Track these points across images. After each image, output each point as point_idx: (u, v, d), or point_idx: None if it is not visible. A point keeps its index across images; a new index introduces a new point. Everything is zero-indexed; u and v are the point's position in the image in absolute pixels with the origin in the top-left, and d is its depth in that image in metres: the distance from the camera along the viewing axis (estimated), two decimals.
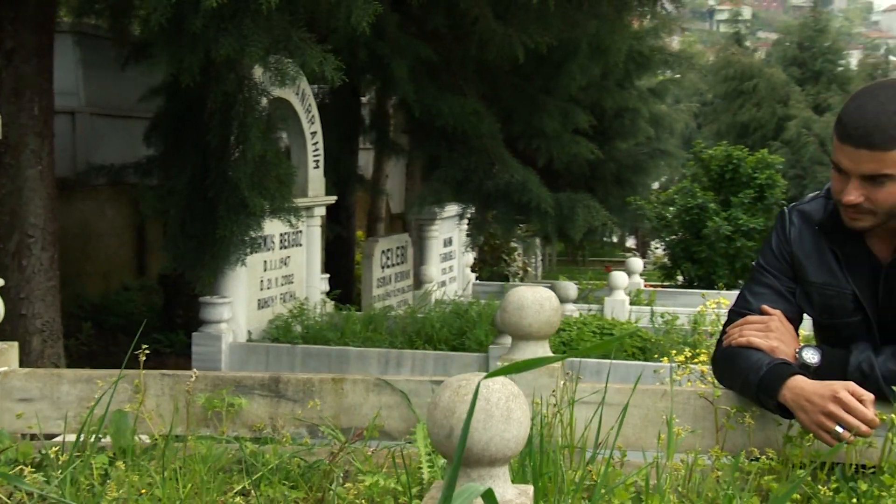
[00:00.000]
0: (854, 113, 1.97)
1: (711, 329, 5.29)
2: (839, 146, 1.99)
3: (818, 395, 1.94)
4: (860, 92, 2.03)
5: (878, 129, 1.93)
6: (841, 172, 2.03)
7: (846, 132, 1.97)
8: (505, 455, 1.39)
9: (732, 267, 12.01)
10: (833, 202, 2.20)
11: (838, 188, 2.04)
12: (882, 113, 1.97)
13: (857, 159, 1.97)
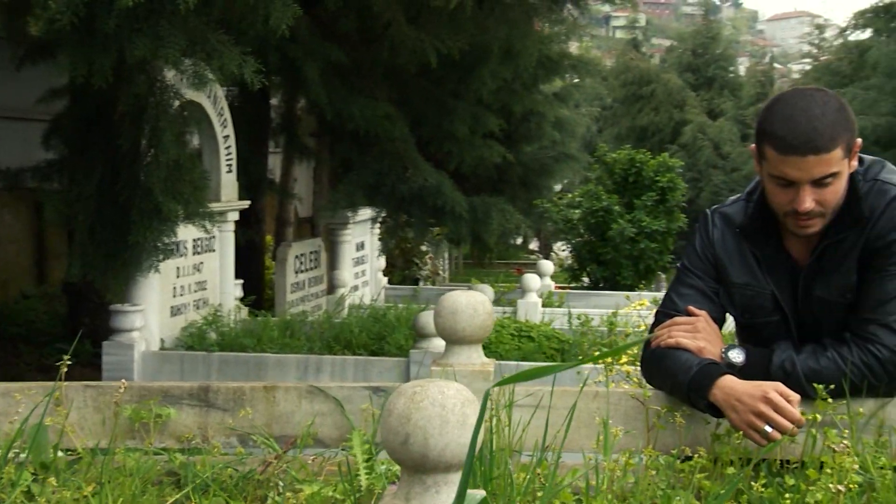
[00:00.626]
0: (787, 124, 2.03)
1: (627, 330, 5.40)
2: (782, 159, 2.03)
3: (748, 395, 2.00)
4: (778, 104, 2.10)
5: (818, 134, 2.00)
6: (787, 185, 2.07)
7: (788, 144, 2.02)
8: (458, 459, 1.39)
9: (637, 268, 12.29)
10: (753, 205, 2.27)
11: (784, 200, 2.09)
12: (814, 118, 2.04)
13: (806, 167, 2.02)
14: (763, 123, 2.09)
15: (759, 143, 2.09)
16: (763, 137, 2.07)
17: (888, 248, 2.11)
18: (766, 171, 2.10)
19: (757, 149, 2.13)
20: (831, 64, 19.45)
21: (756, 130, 2.14)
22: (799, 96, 2.09)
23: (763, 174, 2.13)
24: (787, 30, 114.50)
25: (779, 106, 2.08)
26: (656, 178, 12.58)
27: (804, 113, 2.03)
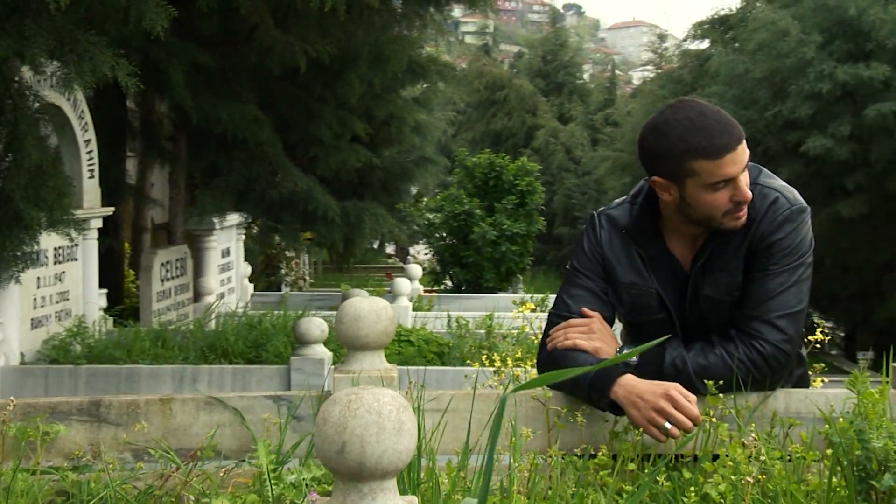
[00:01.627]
0: (707, 131, 2.11)
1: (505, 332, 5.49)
2: (718, 162, 2.11)
3: (650, 392, 2.09)
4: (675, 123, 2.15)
5: (732, 125, 2.13)
6: (725, 185, 2.15)
7: (720, 146, 2.10)
8: (397, 467, 1.40)
9: (498, 270, 12.51)
10: (638, 207, 2.36)
11: (723, 200, 2.17)
12: (718, 115, 2.17)
13: (738, 158, 2.12)
14: (678, 147, 2.13)
15: (682, 164, 2.14)
16: (688, 157, 2.12)
17: (770, 249, 2.23)
18: (697, 186, 2.16)
19: (675, 173, 2.17)
20: (673, 72, 20.27)
21: (668, 158, 2.17)
22: (687, 109, 2.18)
23: (690, 193, 2.18)
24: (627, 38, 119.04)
25: (678, 124, 2.15)
26: (516, 182, 12.85)
27: (707, 116, 2.14)
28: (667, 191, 2.22)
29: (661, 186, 2.22)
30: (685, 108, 2.19)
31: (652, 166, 2.22)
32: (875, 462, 1.76)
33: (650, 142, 2.21)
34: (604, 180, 20.83)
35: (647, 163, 2.25)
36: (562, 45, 34.38)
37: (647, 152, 2.23)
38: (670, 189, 2.20)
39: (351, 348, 2.35)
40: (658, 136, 2.19)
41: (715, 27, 18.61)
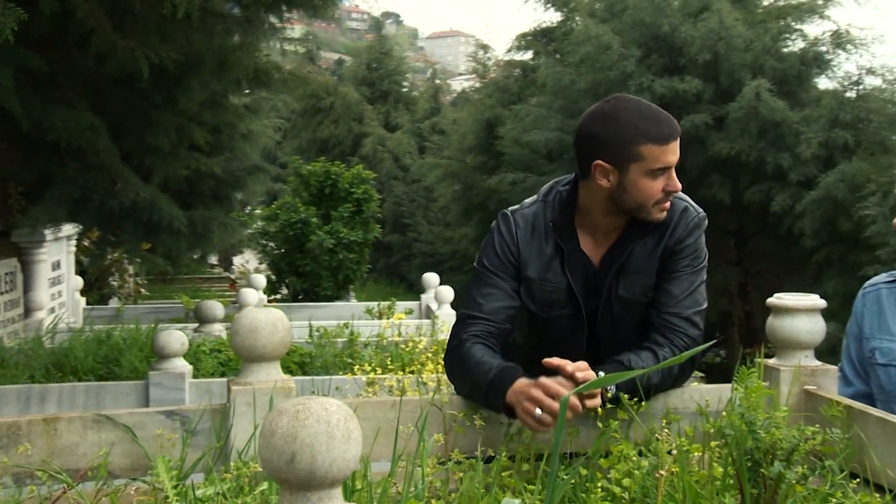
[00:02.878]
0: (654, 119, 2.30)
1: (367, 341, 5.50)
2: (663, 149, 2.29)
3: (527, 386, 2.18)
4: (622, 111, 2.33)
5: (674, 119, 2.30)
6: (661, 173, 2.33)
7: (665, 133, 2.28)
8: (345, 475, 1.42)
9: (336, 279, 12.47)
10: (559, 204, 2.48)
11: (657, 189, 2.34)
12: (656, 109, 2.34)
13: (676, 148, 2.31)
14: (628, 132, 2.30)
15: (631, 148, 2.30)
16: (637, 141, 2.29)
17: (683, 252, 2.41)
18: (639, 171, 2.32)
19: (622, 157, 2.32)
20: (499, 82, 20.77)
21: (617, 142, 2.32)
22: (633, 100, 2.38)
23: (632, 178, 2.34)
24: (445, 48, 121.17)
25: (628, 112, 2.33)
26: (352, 190, 12.85)
27: (653, 107, 2.37)
28: (607, 176, 2.36)
29: (603, 171, 2.36)
30: (631, 100, 2.37)
31: (596, 151, 2.36)
32: (762, 451, 1.91)
33: (598, 128, 2.36)
34: (434, 187, 21.10)
35: (589, 149, 2.38)
36: (386, 53, 34.58)
37: (594, 138, 2.37)
38: (611, 175, 2.35)
39: (247, 360, 2.33)
40: (607, 122, 2.34)
41: (538, 39, 19.21)
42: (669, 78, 11.83)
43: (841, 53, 12.47)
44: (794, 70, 12.19)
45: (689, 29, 12.12)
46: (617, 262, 2.44)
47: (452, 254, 21.27)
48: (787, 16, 13.25)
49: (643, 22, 12.44)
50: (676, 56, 12.19)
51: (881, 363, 2.50)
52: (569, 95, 13.26)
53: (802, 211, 10.71)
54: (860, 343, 2.59)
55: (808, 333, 2.48)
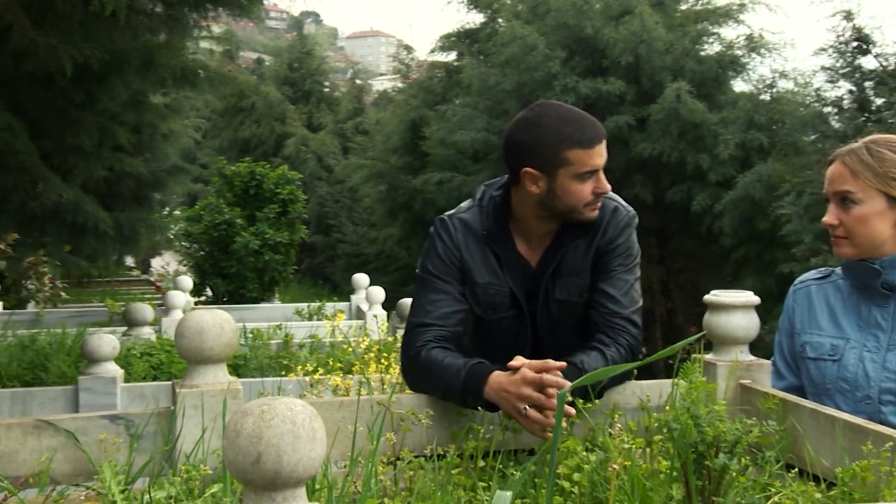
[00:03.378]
0: (579, 124, 2.34)
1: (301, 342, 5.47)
2: (589, 152, 2.32)
3: (511, 383, 2.21)
4: (547, 118, 2.37)
5: (598, 122, 2.34)
6: (590, 176, 2.36)
7: (591, 137, 2.32)
8: (310, 474, 1.42)
9: (262, 280, 12.36)
10: (492, 210, 2.51)
11: (587, 192, 2.38)
12: (582, 111, 2.39)
13: (603, 151, 2.36)
14: (554, 137, 2.34)
15: (557, 154, 2.34)
16: (564, 146, 2.33)
17: (616, 251, 2.47)
18: (568, 176, 2.36)
19: (549, 163, 2.35)
20: (423, 82, 20.80)
21: (544, 148, 2.36)
22: (556, 106, 2.41)
23: (561, 183, 2.37)
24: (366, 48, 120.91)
25: (551, 118, 2.37)
26: (277, 191, 12.74)
27: (576, 112, 2.40)
28: (536, 183, 2.39)
29: (532, 178, 2.40)
30: (554, 106, 2.40)
31: (524, 159, 2.39)
32: (707, 444, 1.97)
33: (524, 135, 2.39)
34: (358, 188, 21.04)
35: (517, 156, 2.42)
36: (308, 53, 34.33)
37: (520, 145, 2.40)
38: (540, 181, 2.38)
39: (193, 362, 2.31)
40: (532, 129, 2.38)
41: (461, 40, 19.31)
42: (593, 79, 12.03)
43: (755, 57, 12.84)
44: (712, 72, 12.50)
45: (611, 32, 12.33)
46: (552, 264, 2.49)
47: (377, 254, 21.25)
48: (705, 20, 13.58)
49: (566, 24, 12.62)
50: (599, 58, 12.40)
51: (811, 357, 2.59)
52: (494, 96, 13.37)
53: (721, 210, 10.99)
54: (792, 338, 2.68)
55: (744, 329, 2.56)
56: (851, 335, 2.53)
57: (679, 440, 1.97)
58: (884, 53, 10.14)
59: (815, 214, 9.51)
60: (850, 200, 2.49)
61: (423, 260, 2.57)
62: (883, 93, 9.84)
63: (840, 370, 2.51)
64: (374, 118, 26.15)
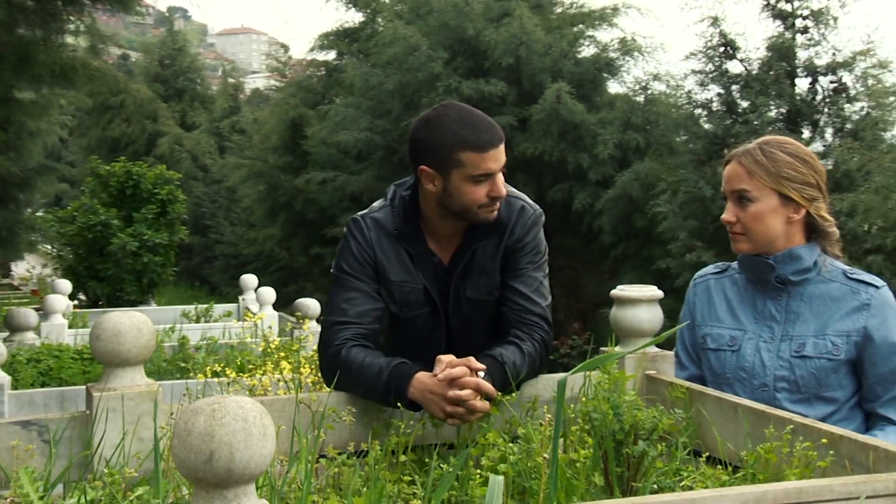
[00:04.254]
0: (476, 128, 2.38)
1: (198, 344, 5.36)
2: (483, 156, 2.36)
3: (438, 385, 2.26)
4: (446, 119, 2.41)
5: (497, 127, 2.38)
6: (485, 179, 2.40)
7: (486, 141, 2.36)
8: (261, 470, 1.43)
9: (140, 282, 12.05)
10: (403, 209, 2.55)
11: (482, 194, 2.42)
12: (484, 116, 2.42)
13: (499, 156, 2.39)
14: (449, 139, 2.37)
15: (451, 155, 2.38)
16: (457, 148, 2.36)
17: (524, 250, 2.54)
18: (461, 177, 2.39)
19: (443, 163, 2.39)
20: (302, 81, 20.61)
21: (439, 149, 2.41)
22: (458, 107, 2.47)
23: (454, 184, 2.41)
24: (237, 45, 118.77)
25: (450, 119, 2.40)
26: (155, 191, 12.44)
27: (476, 115, 2.42)
28: (432, 181, 2.44)
29: (428, 176, 2.44)
30: (456, 107, 2.45)
31: (421, 157, 2.43)
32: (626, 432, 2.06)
33: (422, 134, 2.43)
34: (237, 188, 20.69)
35: (416, 154, 2.46)
36: (179, 49, 33.49)
37: (419, 144, 2.44)
38: (435, 180, 2.43)
39: (110, 365, 2.27)
40: (431, 129, 2.42)
41: (341, 39, 19.22)
42: (476, 80, 12.19)
43: (629, 60, 13.25)
44: (589, 74, 12.83)
45: (492, 33, 12.51)
46: (462, 262, 2.55)
47: (257, 255, 20.93)
48: (580, 23, 13.93)
49: (448, 25, 12.74)
50: (481, 59, 12.57)
51: (712, 348, 2.72)
52: (377, 96, 13.39)
53: (601, 209, 11.31)
54: (693, 330, 2.81)
55: (649, 322, 2.68)
56: (748, 326, 2.68)
57: (600, 429, 2.05)
58: (748, 58, 10.62)
59: (689, 212, 9.91)
60: (747, 198, 2.63)
61: (337, 259, 2.59)
62: (748, 95, 10.30)
63: (738, 360, 2.66)
64: (250, 117, 25.71)
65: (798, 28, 10.24)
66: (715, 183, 9.78)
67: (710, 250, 9.54)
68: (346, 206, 15.63)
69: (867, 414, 2.62)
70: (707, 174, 9.83)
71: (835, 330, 2.57)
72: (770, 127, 9.84)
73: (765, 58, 10.28)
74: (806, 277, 2.63)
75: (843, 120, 10.19)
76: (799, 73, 10.25)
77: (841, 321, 2.57)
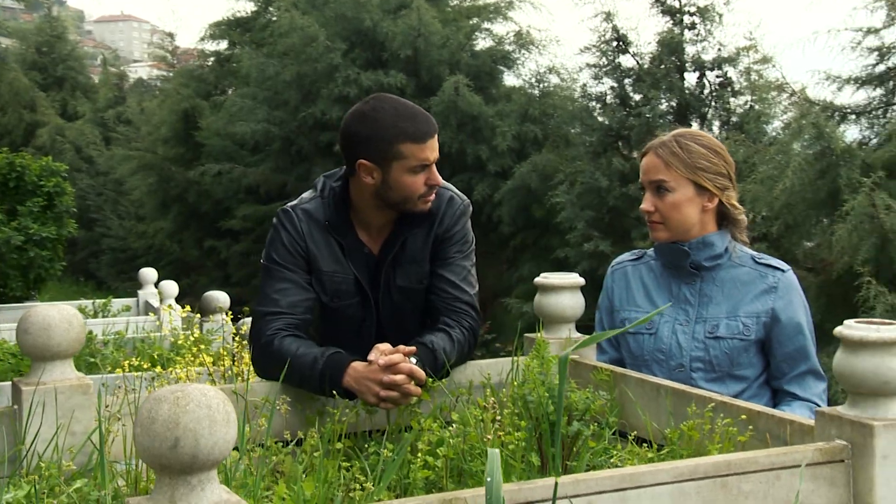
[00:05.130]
0: (413, 119, 2.45)
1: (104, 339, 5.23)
2: (421, 147, 2.42)
3: (372, 371, 2.30)
4: (381, 111, 2.45)
5: (431, 117, 2.42)
6: (422, 169, 2.46)
7: (423, 132, 2.43)
8: (224, 456, 1.45)
9: (26, 278, 11.61)
10: (334, 200, 2.58)
11: (419, 184, 2.48)
12: (416, 106, 2.48)
13: (435, 146, 2.47)
14: (389, 131, 2.41)
15: (391, 147, 2.41)
16: (397, 140, 2.40)
17: (453, 239, 2.60)
18: (401, 169, 2.43)
19: (383, 156, 2.42)
20: (193, 71, 20.20)
21: (379, 142, 2.45)
22: (392, 100, 2.52)
23: (394, 175, 2.45)
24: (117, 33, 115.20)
25: (386, 112, 2.45)
26: (41, 183, 11.99)
27: (411, 106, 2.48)
28: (370, 174, 2.48)
29: (367, 169, 2.47)
30: (390, 99, 2.49)
31: (359, 150, 2.47)
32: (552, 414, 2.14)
33: (359, 128, 2.46)
34: (125, 180, 20.15)
35: (352, 148, 2.49)
36: (58, 36, 32.32)
37: (356, 137, 2.47)
38: (374, 172, 2.46)
39: (39, 359, 2.23)
40: (367, 122, 2.45)
41: (233, 28, 18.92)
42: (374, 71, 12.19)
43: (525, 53, 13.44)
44: (486, 67, 12.98)
45: (389, 25, 12.53)
46: (392, 252, 2.60)
47: (147, 248, 20.42)
48: (476, 15, 14.06)
49: (345, 16, 12.70)
50: (379, 51, 12.57)
51: (630, 332, 2.83)
52: (274, 86, 13.24)
53: (500, 200, 11.47)
54: (612, 315, 2.92)
55: (572, 308, 2.78)
56: (665, 310, 2.80)
57: (537, 410, 2.13)
58: (640, 53, 10.92)
59: (586, 202, 10.14)
60: (665, 189, 2.74)
61: (267, 250, 2.60)
62: (640, 89, 10.59)
63: (656, 342, 2.77)
64: (136, 107, 25.04)
65: (686, 24, 10.56)
66: (610, 174, 10.05)
67: (606, 239, 9.79)
68: (242, 198, 15.43)
69: (774, 391, 2.78)
70: (603, 166, 10.08)
71: (745, 312, 2.71)
72: (661, 120, 10.14)
73: (655, 52, 10.58)
74: (718, 263, 2.76)
75: (729, 113, 10.57)
76: (688, 68, 10.58)
77: (751, 303, 2.72)
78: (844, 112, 8.90)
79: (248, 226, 15.37)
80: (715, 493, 1.82)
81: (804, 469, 1.86)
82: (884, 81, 8.89)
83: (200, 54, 20.80)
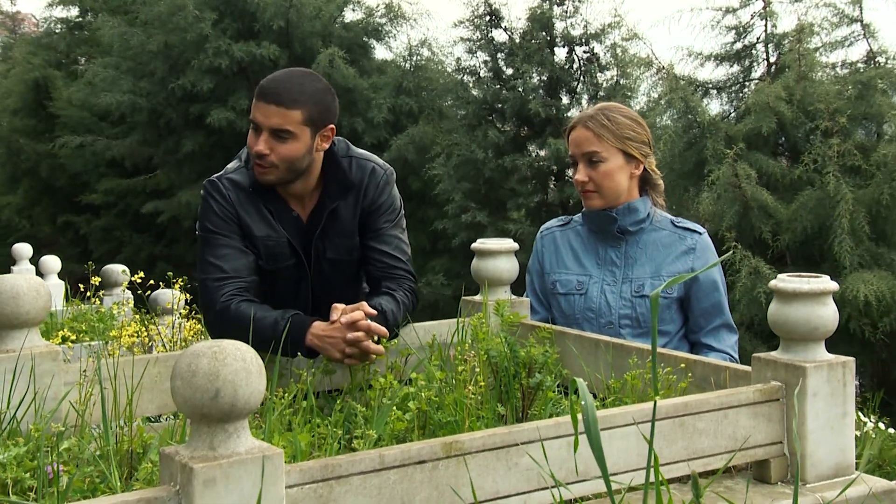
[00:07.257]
0: (270, 79, 2.54)
1: None
2: (255, 104, 2.52)
3: (335, 330, 2.39)
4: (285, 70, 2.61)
5: (285, 90, 2.51)
6: (256, 130, 2.53)
7: (261, 91, 2.51)
8: (257, 404, 1.55)
9: None
10: (251, 168, 2.65)
11: (251, 144, 2.55)
12: (292, 81, 2.57)
13: (267, 114, 2.50)
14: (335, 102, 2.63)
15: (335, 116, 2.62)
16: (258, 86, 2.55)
17: (380, 209, 2.71)
18: None
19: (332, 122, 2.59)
20: (41, 39, 19.29)
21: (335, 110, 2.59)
22: (300, 71, 2.64)
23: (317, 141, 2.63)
24: None
25: (284, 71, 2.61)
26: None
27: (288, 75, 2.58)
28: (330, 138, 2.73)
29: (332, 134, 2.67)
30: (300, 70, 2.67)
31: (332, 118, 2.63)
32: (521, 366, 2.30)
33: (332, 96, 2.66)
34: None
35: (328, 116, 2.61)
36: None
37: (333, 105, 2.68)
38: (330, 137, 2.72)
39: (8, 327, 2.23)
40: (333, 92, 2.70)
41: None
42: (246, 42, 11.99)
43: (397, 25, 13.47)
44: (359, 39, 12.96)
45: None
46: (319, 223, 2.69)
47: None
48: None
49: None
50: (251, 21, 12.36)
51: (562, 293, 3.02)
52: (138, 56, 12.84)
53: None
54: (542, 277, 3.10)
55: (508, 272, 2.94)
56: (593, 272, 2.99)
57: (501, 364, 2.28)
58: (511, 27, 11.16)
59: (462, 174, 10.34)
60: (597, 159, 2.93)
61: (201, 221, 2.65)
62: (513, 63, 10.83)
63: (587, 302, 2.97)
64: None
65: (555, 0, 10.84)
66: (486, 146, 10.27)
67: (483, 210, 10.02)
68: (103, 171, 14.91)
69: (691, 343, 3.02)
70: (478, 138, 10.28)
71: (668, 272, 2.93)
72: (533, 94, 10.41)
73: (527, 27, 10.83)
74: (641, 227, 2.98)
75: (597, 88, 10.95)
76: (557, 43, 10.88)
77: (672, 264, 2.94)
78: (707, 87, 9.41)
79: (109, 200, 14.89)
80: (675, 430, 2.02)
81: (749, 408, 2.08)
82: (741, 58, 9.44)
83: (47, 21, 19.83)
